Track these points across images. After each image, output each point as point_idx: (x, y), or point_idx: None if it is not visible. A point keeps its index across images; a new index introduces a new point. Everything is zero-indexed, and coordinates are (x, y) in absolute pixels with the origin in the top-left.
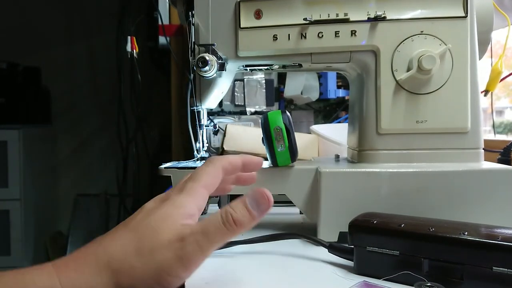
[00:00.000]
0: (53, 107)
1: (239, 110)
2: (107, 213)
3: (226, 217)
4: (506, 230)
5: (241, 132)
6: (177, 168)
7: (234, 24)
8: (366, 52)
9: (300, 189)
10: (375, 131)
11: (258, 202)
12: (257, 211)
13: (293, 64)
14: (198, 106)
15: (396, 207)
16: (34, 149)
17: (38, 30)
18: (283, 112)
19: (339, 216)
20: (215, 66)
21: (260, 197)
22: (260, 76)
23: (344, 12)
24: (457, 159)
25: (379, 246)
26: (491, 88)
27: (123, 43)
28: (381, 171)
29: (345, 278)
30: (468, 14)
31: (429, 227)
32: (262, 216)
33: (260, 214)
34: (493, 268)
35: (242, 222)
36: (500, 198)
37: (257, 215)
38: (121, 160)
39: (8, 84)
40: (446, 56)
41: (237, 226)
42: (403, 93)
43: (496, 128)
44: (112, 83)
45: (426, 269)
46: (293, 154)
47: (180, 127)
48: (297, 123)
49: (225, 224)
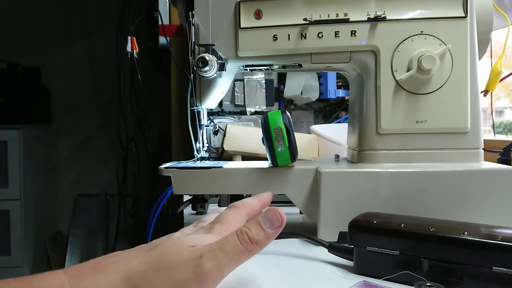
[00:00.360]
0: (53, 107)
1: (239, 110)
2: (107, 213)
3: (242, 235)
4: (506, 230)
5: (241, 132)
6: (177, 168)
7: (234, 24)
8: (366, 52)
9: (300, 189)
10: (375, 131)
11: (271, 221)
12: (271, 229)
13: (293, 64)
14: (198, 106)
15: (396, 207)
16: (34, 149)
17: (38, 30)
18: (283, 112)
19: (339, 216)
20: (215, 66)
21: (274, 215)
22: (260, 76)
23: (344, 12)
24: (457, 159)
25: (379, 246)
26: (491, 88)
27: (123, 43)
28: (381, 171)
29: (345, 278)
30: (468, 14)
31: (429, 227)
32: (276, 234)
33: (274, 232)
34: (493, 268)
35: (257, 240)
36: (500, 198)
37: (271, 233)
38: (121, 160)
39: (8, 84)
40: (446, 56)
41: (253, 244)
42: (403, 93)
43: (496, 128)
44: (112, 83)
45: (426, 269)
46: (293, 154)
47: (180, 127)
48: (297, 123)
49: (241, 242)
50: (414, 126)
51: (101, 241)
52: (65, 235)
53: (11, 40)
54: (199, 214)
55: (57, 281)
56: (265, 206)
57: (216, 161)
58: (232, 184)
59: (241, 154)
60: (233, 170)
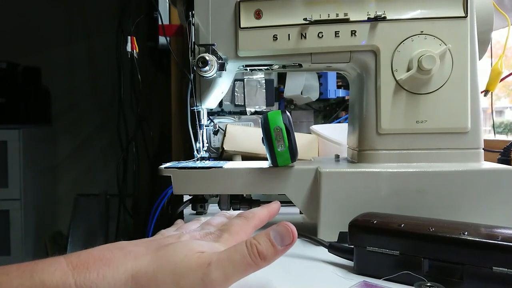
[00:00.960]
0: (53, 107)
1: (239, 110)
2: (107, 213)
3: (251, 248)
4: (506, 230)
5: (241, 132)
6: (177, 168)
7: (234, 24)
8: (366, 52)
9: (300, 189)
10: (375, 131)
11: (282, 237)
12: (281, 246)
13: (293, 64)
14: (198, 106)
15: (396, 207)
16: (34, 149)
17: (38, 30)
18: (283, 112)
19: (339, 216)
20: (215, 66)
21: (285, 232)
22: (260, 76)
23: (344, 12)
24: (457, 159)
25: (379, 246)
26: (491, 88)
27: (123, 43)
28: (381, 171)
29: (345, 278)
30: (468, 14)
31: (429, 227)
32: (285, 251)
33: (284, 249)
34: (493, 268)
35: (266, 256)
36: (500, 198)
37: (281, 250)
38: (121, 160)
39: (8, 84)
40: (446, 56)
41: (261, 259)
42: (403, 93)
43: (496, 128)
44: (112, 83)
45: (426, 269)
46: (293, 154)
47: (180, 127)
48: (297, 123)
49: (250, 255)
50: (414, 126)
51: (101, 241)
52: (65, 235)
53: (11, 40)
54: (199, 214)
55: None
56: (273, 216)
57: (216, 161)
58: (232, 184)
59: (241, 154)
60: (233, 170)
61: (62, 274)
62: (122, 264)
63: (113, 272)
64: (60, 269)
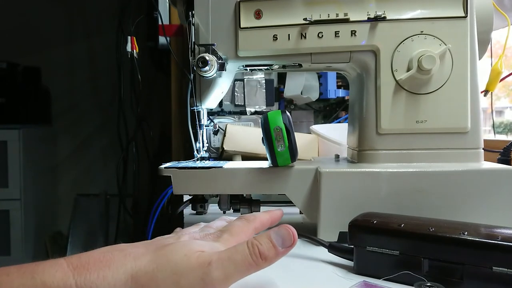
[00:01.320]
0: (53, 107)
1: (239, 110)
2: (107, 213)
3: (253, 249)
4: (506, 230)
5: (241, 132)
6: (177, 168)
7: (234, 24)
8: (366, 52)
9: (300, 189)
10: (375, 131)
11: (283, 239)
12: (281, 247)
13: (293, 64)
14: (198, 106)
15: (396, 207)
16: (34, 149)
17: (38, 30)
18: (283, 112)
19: (339, 216)
20: (215, 66)
21: (286, 234)
22: (260, 76)
23: (344, 12)
24: (457, 159)
25: (379, 246)
26: (491, 88)
27: (123, 43)
28: (381, 171)
29: (345, 278)
30: (468, 14)
31: (429, 227)
32: (286, 253)
33: (285, 251)
34: (493, 268)
35: (267, 256)
36: (500, 198)
37: (282, 251)
38: (121, 160)
39: (8, 84)
40: (446, 56)
41: (262, 259)
42: (403, 93)
43: (496, 128)
44: (112, 83)
45: (426, 269)
46: (293, 154)
47: (180, 127)
48: (297, 123)
49: (251, 255)
50: (414, 126)
51: (101, 241)
52: (65, 235)
53: (11, 40)
54: (199, 214)
55: (61, 274)
56: (275, 223)
57: (216, 161)
58: (232, 184)
59: (241, 154)
60: (233, 170)
61: (63, 275)
62: (122, 264)
63: (113, 273)
64: (61, 270)
